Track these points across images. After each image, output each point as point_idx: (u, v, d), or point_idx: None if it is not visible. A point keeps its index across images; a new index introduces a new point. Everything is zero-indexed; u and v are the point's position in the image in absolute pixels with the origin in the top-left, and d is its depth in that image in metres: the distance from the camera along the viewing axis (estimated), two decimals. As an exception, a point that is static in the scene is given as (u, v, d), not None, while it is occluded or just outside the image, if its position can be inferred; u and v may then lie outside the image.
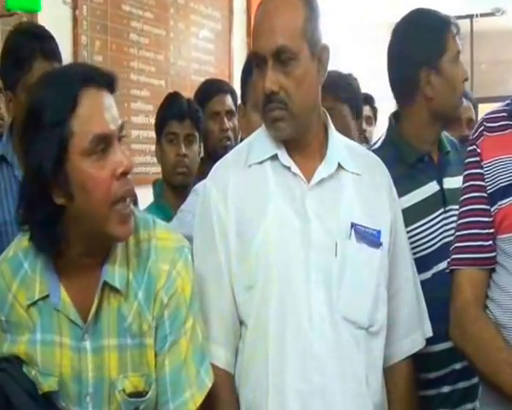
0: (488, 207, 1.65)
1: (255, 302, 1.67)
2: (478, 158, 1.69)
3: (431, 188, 2.05)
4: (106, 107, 1.46)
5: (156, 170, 3.16)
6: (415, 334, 1.82)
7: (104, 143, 1.44)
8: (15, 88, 2.28)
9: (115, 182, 1.44)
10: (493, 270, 1.65)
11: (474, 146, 1.71)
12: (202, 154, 2.89)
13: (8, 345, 1.55)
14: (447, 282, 1.71)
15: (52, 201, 1.43)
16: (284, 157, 1.72)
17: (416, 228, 2.00)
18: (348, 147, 1.81)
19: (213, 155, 2.74)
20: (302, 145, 1.73)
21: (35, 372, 1.54)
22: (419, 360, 1.88)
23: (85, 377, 1.53)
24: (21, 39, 2.34)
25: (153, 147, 3.04)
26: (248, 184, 1.72)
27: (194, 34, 4.87)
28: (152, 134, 3.05)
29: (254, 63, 1.72)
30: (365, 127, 3.69)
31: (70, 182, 1.42)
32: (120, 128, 1.48)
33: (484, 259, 1.65)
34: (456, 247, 1.70)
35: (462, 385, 2.05)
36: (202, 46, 4.96)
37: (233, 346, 1.71)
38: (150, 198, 2.80)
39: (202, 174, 2.24)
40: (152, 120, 3.16)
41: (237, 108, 2.75)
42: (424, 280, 1.96)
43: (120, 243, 1.53)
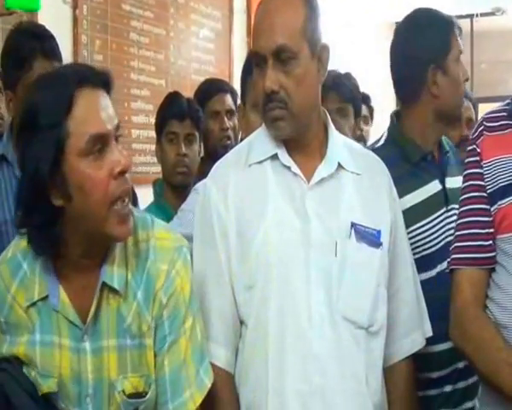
0: (488, 206, 1.65)
1: (255, 302, 1.67)
2: (478, 158, 1.69)
3: (434, 187, 2.05)
4: (102, 106, 1.45)
5: (156, 170, 3.16)
6: (415, 334, 1.82)
7: (101, 143, 1.43)
8: (16, 87, 2.28)
9: (113, 181, 1.44)
10: (493, 270, 1.65)
11: (474, 146, 1.71)
12: (202, 153, 2.89)
13: (7, 346, 1.55)
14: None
15: (50, 202, 1.43)
16: (284, 157, 1.72)
17: (421, 227, 2.00)
18: (348, 146, 1.81)
19: (213, 155, 2.74)
20: (302, 145, 1.73)
21: (34, 373, 1.53)
22: (422, 360, 1.88)
23: (85, 378, 1.52)
24: (22, 39, 2.34)
25: (153, 146, 3.05)
26: (248, 184, 1.72)
27: (194, 34, 4.86)
28: (152, 134, 3.05)
29: (254, 62, 1.72)
30: (362, 126, 3.68)
31: (68, 183, 1.42)
32: (117, 127, 1.48)
33: (484, 258, 1.65)
34: (455, 246, 1.70)
35: (462, 384, 2.05)
36: (202, 46, 4.95)
37: (233, 346, 1.71)
38: (150, 198, 2.80)
39: (202, 174, 2.24)
40: (152, 120, 3.16)
41: (237, 108, 2.75)
42: (429, 279, 1.97)
43: (119, 244, 1.52)
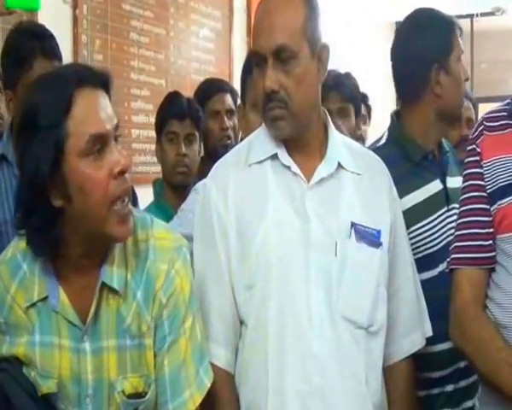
0: (488, 206, 1.65)
1: (255, 302, 1.67)
2: (478, 157, 1.69)
3: (435, 186, 2.05)
4: (101, 106, 1.45)
5: (156, 169, 3.15)
6: (414, 334, 1.82)
7: (100, 143, 1.43)
8: (16, 87, 2.28)
9: (112, 181, 1.44)
10: (493, 269, 1.65)
11: (474, 145, 1.71)
12: (202, 153, 2.89)
13: (7, 347, 1.55)
14: None
15: (49, 203, 1.43)
16: (284, 157, 1.72)
17: (423, 226, 2.01)
18: (348, 146, 1.81)
19: (213, 155, 2.74)
20: (302, 145, 1.73)
21: (34, 374, 1.53)
22: (424, 360, 1.88)
23: (85, 378, 1.52)
24: (22, 38, 2.34)
25: (153, 146, 3.04)
26: (248, 184, 1.72)
27: (194, 33, 4.86)
28: (152, 133, 3.05)
29: (254, 62, 1.72)
30: (360, 126, 3.66)
31: (68, 183, 1.42)
32: (116, 127, 1.47)
33: (483, 258, 1.65)
34: (455, 246, 1.70)
35: (464, 383, 2.05)
36: (202, 45, 4.95)
37: (233, 345, 1.71)
38: (150, 197, 2.80)
39: (202, 174, 2.24)
40: (152, 120, 3.15)
41: (237, 108, 2.75)
42: (431, 278, 1.97)
43: (118, 244, 1.52)
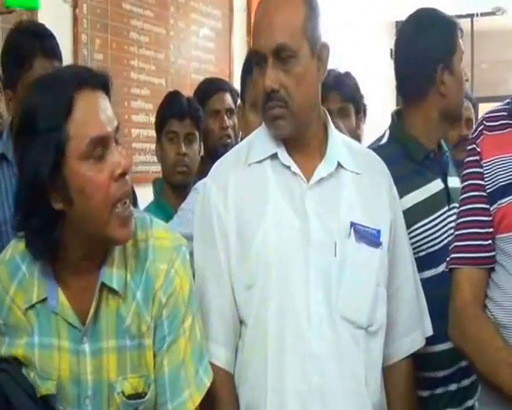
0: (487, 206, 1.65)
1: (255, 302, 1.67)
2: (477, 157, 1.69)
3: (437, 185, 2.06)
4: (101, 109, 1.44)
5: (156, 169, 3.15)
6: (414, 333, 1.82)
7: (101, 146, 1.42)
8: (16, 86, 2.28)
9: (113, 184, 1.43)
10: (492, 269, 1.65)
11: (474, 145, 1.71)
12: (202, 152, 2.89)
13: (6, 348, 1.55)
14: None
15: (49, 206, 1.42)
16: (284, 156, 1.71)
17: (425, 225, 2.01)
18: (348, 146, 1.81)
19: (213, 154, 2.73)
20: (302, 144, 1.73)
21: (33, 375, 1.53)
22: (427, 359, 1.88)
23: (84, 379, 1.52)
24: (22, 38, 2.34)
25: (153, 146, 3.04)
26: (248, 184, 1.72)
27: (194, 33, 4.86)
28: (152, 133, 3.04)
29: (254, 61, 1.71)
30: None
31: (68, 186, 1.41)
32: (116, 129, 1.47)
33: (483, 258, 1.65)
34: (455, 246, 1.70)
35: (466, 382, 2.06)
36: (202, 45, 4.95)
37: (233, 345, 1.71)
38: (150, 197, 2.80)
39: (202, 173, 2.23)
40: (152, 119, 3.15)
41: (237, 108, 2.74)
42: (432, 277, 1.98)
43: None
